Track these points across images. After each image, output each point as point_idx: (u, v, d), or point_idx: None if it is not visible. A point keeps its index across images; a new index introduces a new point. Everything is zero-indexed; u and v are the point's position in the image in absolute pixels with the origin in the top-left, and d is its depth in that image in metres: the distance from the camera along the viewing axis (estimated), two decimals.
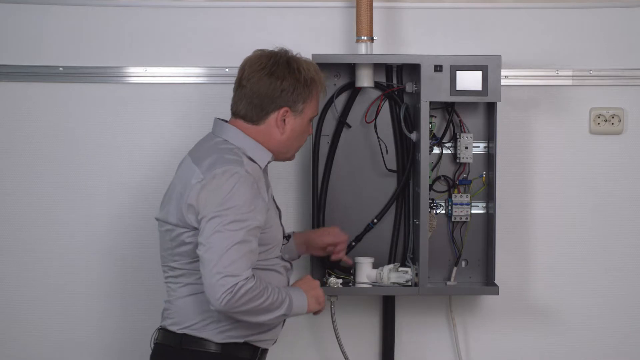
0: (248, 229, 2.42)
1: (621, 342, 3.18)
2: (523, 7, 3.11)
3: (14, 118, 3.09)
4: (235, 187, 2.43)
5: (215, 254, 2.39)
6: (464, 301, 3.15)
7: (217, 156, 2.49)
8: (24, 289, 3.11)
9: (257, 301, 2.42)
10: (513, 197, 3.12)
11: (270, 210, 2.55)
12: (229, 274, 2.38)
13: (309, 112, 2.59)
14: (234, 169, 2.45)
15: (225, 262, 2.39)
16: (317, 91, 2.60)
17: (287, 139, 2.58)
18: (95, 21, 3.08)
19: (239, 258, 2.40)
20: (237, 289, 2.38)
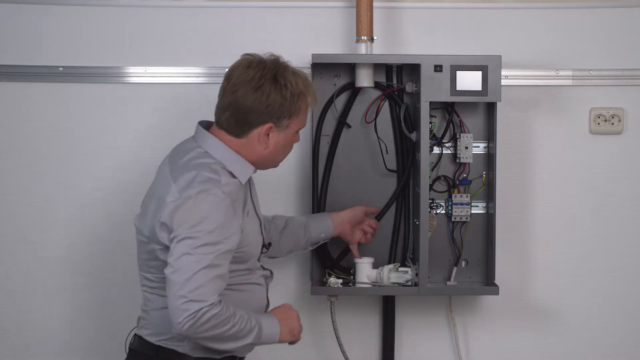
0: (218, 253, 2.37)
1: (621, 342, 3.18)
2: (523, 7, 3.11)
3: (14, 118, 3.09)
4: (210, 209, 2.37)
5: (182, 276, 2.34)
6: (464, 301, 3.15)
7: (195, 173, 2.42)
8: (24, 288, 3.11)
9: (222, 328, 2.38)
10: (513, 197, 3.12)
11: (249, 225, 2.50)
12: (193, 299, 2.33)
13: (294, 127, 2.52)
14: (210, 190, 2.39)
15: (191, 286, 2.34)
16: (305, 105, 2.52)
17: (270, 153, 2.53)
18: (95, 21, 3.08)
19: (206, 283, 2.35)
20: (201, 314, 2.33)
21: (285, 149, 2.56)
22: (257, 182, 2.91)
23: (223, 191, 2.40)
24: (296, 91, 2.49)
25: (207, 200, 2.38)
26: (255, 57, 2.52)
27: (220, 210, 2.39)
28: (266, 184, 3.01)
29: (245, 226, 2.48)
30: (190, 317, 2.33)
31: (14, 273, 3.11)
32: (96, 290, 3.12)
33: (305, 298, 3.10)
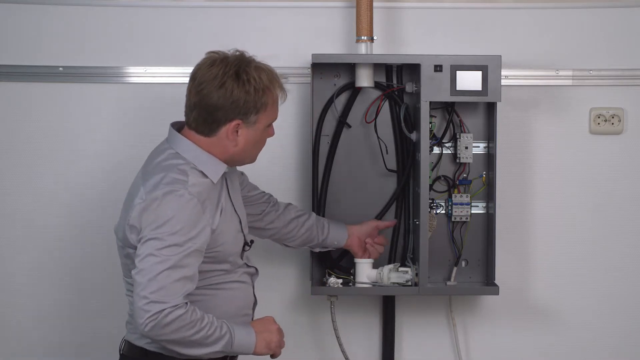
0: (184, 254, 2.35)
1: (621, 342, 3.18)
2: (523, 7, 3.11)
3: (14, 118, 3.09)
4: (175, 210, 2.36)
5: (145, 277, 2.33)
6: (464, 301, 3.15)
7: (163, 175, 2.41)
8: (24, 288, 3.11)
9: (187, 332, 2.35)
10: (513, 197, 3.12)
11: (223, 225, 2.48)
12: (155, 300, 2.32)
13: (263, 121, 2.49)
14: (176, 191, 2.38)
15: (154, 287, 2.33)
16: (272, 99, 2.49)
17: (242, 150, 2.50)
18: (95, 21, 3.08)
19: (169, 284, 2.33)
20: (163, 316, 2.32)
21: (257, 144, 2.53)
22: (257, 182, 2.92)
23: (189, 192, 2.39)
24: (260, 86, 2.46)
25: (173, 201, 2.37)
26: (220, 54, 2.51)
27: (186, 211, 2.37)
28: (266, 184, 3.01)
29: (219, 226, 2.46)
30: (152, 318, 2.32)
31: (14, 272, 3.11)
32: (100, 290, 3.12)
33: (305, 298, 3.11)
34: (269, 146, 3.07)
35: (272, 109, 2.51)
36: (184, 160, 2.46)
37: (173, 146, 2.50)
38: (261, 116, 2.49)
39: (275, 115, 2.54)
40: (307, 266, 3.05)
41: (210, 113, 2.46)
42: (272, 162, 3.10)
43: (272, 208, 2.87)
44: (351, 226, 2.96)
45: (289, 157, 3.11)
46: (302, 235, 2.90)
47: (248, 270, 2.62)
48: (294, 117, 3.10)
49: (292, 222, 2.89)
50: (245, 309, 2.60)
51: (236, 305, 2.55)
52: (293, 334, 3.13)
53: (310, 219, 2.92)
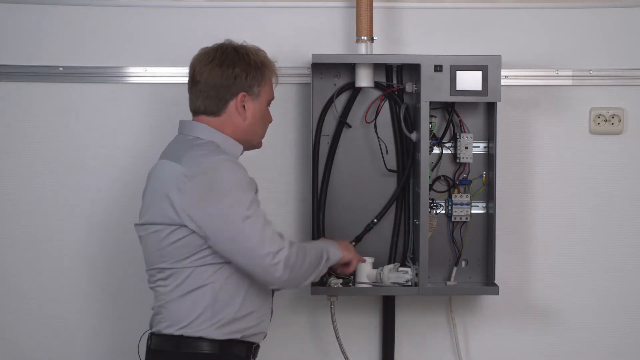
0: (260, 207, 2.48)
1: (621, 342, 3.18)
2: (523, 7, 3.11)
3: (14, 118, 3.09)
4: (231, 173, 2.46)
5: (254, 240, 2.43)
6: (464, 301, 3.15)
7: (196, 152, 2.49)
8: (24, 288, 3.11)
9: (307, 258, 2.51)
10: (513, 197, 3.12)
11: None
12: (274, 251, 2.43)
13: (265, 95, 2.61)
14: (219, 158, 2.47)
15: (266, 242, 2.43)
16: (269, 74, 2.61)
17: (250, 124, 2.59)
18: (95, 21, 3.08)
19: (272, 234, 2.46)
20: (291, 259, 2.45)
21: (262, 121, 2.62)
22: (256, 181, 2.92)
23: (232, 160, 2.49)
24: (258, 60, 2.59)
25: (223, 167, 2.46)
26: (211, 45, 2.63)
27: (238, 170, 2.48)
28: (266, 184, 3.01)
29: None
30: (284, 265, 2.44)
31: (14, 272, 3.11)
32: (99, 290, 3.12)
33: (305, 298, 3.10)
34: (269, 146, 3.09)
35: (270, 84, 2.64)
36: (205, 140, 2.55)
37: (190, 133, 2.58)
38: (263, 89, 2.60)
39: (272, 93, 2.66)
40: None
41: (216, 91, 2.56)
42: (272, 162, 3.10)
43: None
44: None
45: (289, 157, 3.11)
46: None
47: None
48: (294, 117, 3.10)
49: None
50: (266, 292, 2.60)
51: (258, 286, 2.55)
52: (293, 334, 3.13)
53: None
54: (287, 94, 3.09)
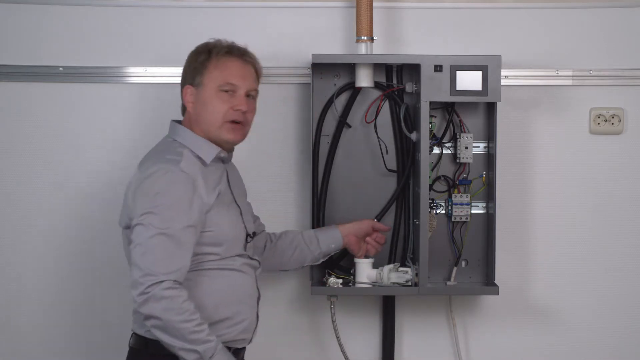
0: (179, 228, 2.42)
1: (621, 342, 3.18)
2: (523, 7, 3.11)
3: (14, 118, 3.09)
4: (168, 184, 2.45)
5: (140, 250, 2.40)
6: (464, 301, 3.15)
7: (156, 157, 2.53)
8: (24, 289, 3.11)
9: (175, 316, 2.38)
10: (513, 197, 3.12)
11: (220, 208, 2.53)
12: (150, 273, 2.38)
13: (210, 82, 2.58)
14: (167, 168, 2.47)
15: (149, 260, 2.39)
16: (214, 61, 2.59)
17: (196, 112, 2.59)
18: (95, 21, 3.08)
19: (165, 258, 2.40)
20: (158, 289, 2.37)
21: (210, 106, 2.58)
22: (256, 181, 2.92)
23: (180, 169, 2.47)
24: (200, 50, 2.62)
25: (164, 176, 2.46)
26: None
27: (179, 186, 2.45)
28: (266, 183, 3.01)
29: (213, 207, 2.51)
30: (147, 290, 2.37)
31: (15, 273, 3.11)
32: (99, 291, 3.12)
33: (305, 298, 3.11)
34: (269, 146, 3.09)
35: (217, 71, 2.59)
36: (180, 145, 2.57)
37: (172, 135, 2.62)
38: (205, 77, 2.59)
39: (226, 79, 2.59)
40: (307, 266, 3.05)
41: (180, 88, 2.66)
42: (273, 162, 3.10)
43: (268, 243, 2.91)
44: (344, 225, 2.95)
45: (289, 157, 3.11)
46: (293, 252, 2.91)
47: (251, 262, 2.64)
48: (294, 117, 3.10)
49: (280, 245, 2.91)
50: (246, 299, 2.60)
51: (233, 292, 2.56)
52: (293, 334, 3.13)
53: (295, 235, 2.92)
54: (287, 94, 3.09)
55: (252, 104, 2.65)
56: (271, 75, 3.05)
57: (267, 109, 3.06)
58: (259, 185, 2.93)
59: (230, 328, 2.55)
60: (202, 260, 2.51)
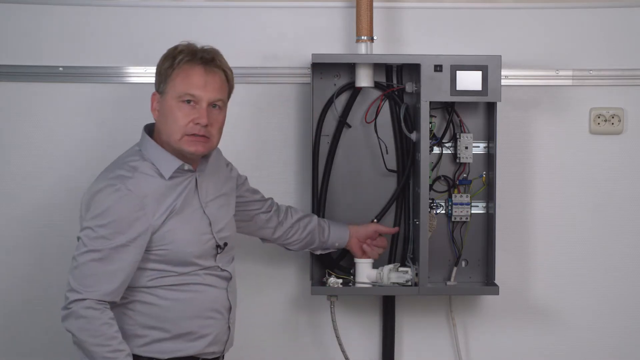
0: (112, 247, 2.39)
1: (621, 342, 3.18)
2: (523, 7, 3.11)
3: (14, 118, 3.09)
4: (111, 203, 2.41)
5: (73, 264, 2.41)
6: (464, 301, 3.15)
7: (111, 170, 2.50)
8: (24, 289, 3.11)
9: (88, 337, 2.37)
10: (513, 197, 3.12)
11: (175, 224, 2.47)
12: (74, 289, 2.38)
13: (170, 91, 2.49)
14: (114, 185, 2.43)
15: (76, 275, 2.39)
16: (177, 69, 2.49)
17: (158, 121, 2.53)
18: (95, 21, 3.08)
19: (92, 276, 2.38)
20: (79, 307, 2.36)
21: (170, 117, 2.49)
22: (257, 182, 2.92)
23: (127, 187, 2.43)
24: (166, 54, 2.54)
25: (109, 194, 2.43)
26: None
27: (121, 205, 2.42)
28: (266, 184, 3.01)
29: (165, 224, 2.47)
30: (69, 306, 2.37)
31: (15, 273, 3.11)
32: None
33: (305, 298, 3.10)
34: (269, 146, 3.09)
35: (179, 79, 2.49)
36: (141, 157, 2.51)
37: (139, 144, 2.57)
38: (168, 85, 2.50)
39: (186, 89, 2.49)
40: (307, 266, 3.05)
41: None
42: (273, 161, 3.10)
43: (273, 215, 2.89)
44: (352, 226, 2.96)
45: (289, 157, 3.11)
46: (304, 239, 2.92)
47: (221, 274, 2.59)
48: (294, 117, 3.10)
49: (294, 226, 2.90)
50: (210, 313, 2.55)
51: (197, 308, 2.53)
52: (293, 334, 3.13)
53: (312, 222, 2.92)
54: (287, 94, 3.09)
55: (216, 115, 2.52)
56: (271, 75, 3.05)
57: (267, 109, 3.06)
58: (259, 185, 2.93)
59: (194, 342, 2.52)
60: (159, 276, 2.48)
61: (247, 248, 3.04)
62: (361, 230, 2.96)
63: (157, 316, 2.48)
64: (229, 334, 2.61)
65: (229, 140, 3.06)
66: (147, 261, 2.46)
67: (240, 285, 2.89)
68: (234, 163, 2.83)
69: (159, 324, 2.48)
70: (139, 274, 2.46)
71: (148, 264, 2.46)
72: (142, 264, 2.45)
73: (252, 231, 2.89)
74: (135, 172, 2.47)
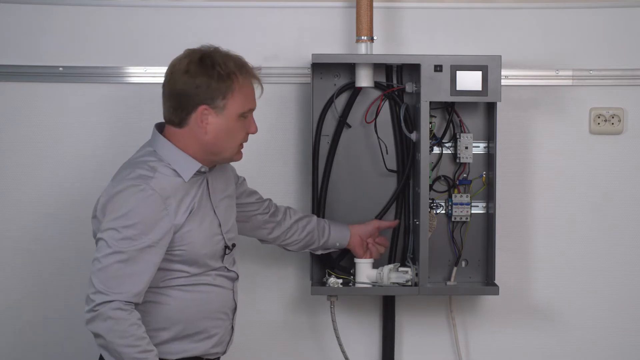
0: (139, 248, 2.37)
1: (621, 342, 3.18)
2: (523, 7, 3.12)
3: (14, 118, 3.09)
4: (135, 203, 2.39)
5: (97, 266, 2.37)
6: (464, 301, 3.15)
7: (130, 170, 2.45)
8: (24, 290, 3.11)
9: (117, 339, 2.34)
10: (513, 197, 3.12)
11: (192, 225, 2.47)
12: (101, 291, 2.35)
13: (233, 109, 2.46)
14: (138, 185, 2.40)
15: (102, 277, 2.36)
16: (238, 85, 2.46)
17: (214, 139, 2.47)
18: (95, 21, 3.08)
19: (120, 277, 2.36)
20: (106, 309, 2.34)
21: (230, 134, 2.49)
22: (256, 182, 2.92)
23: (151, 187, 2.41)
24: (225, 71, 2.45)
25: (133, 194, 2.40)
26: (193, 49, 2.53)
27: (145, 205, 2.40)
28: (266, 184, 3.01)
29: (185, 225, 2.46)
30: (96, 308, 2.34)
31: (15, 274, 3.11)
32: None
33: (305, 298, 3.11)
34: (269, 146, 3.08)
35: (242, 95, 2.48)
36: (157, 157, 2.49)
37: (152, 145, 2.53)
38: (229, 102, 2.46)
39: (248, 104, 2.50)
40: (307, 266, 3.05)
41: (177, 100, 2.46)
42: (272, 162, 3.10)
43: (270, 216, 2.89)
44: (353, 226, 2.97)
45: (289, 157, 3.11)
46: (303, 239, 2.92)
47: (228, 274, 2.59)
48: (294, 117, 3.10)
49: (292, 227, 2.90)
50: (218, 314, 2.56)
51: (206, 309, 2.53)
52: (293, 334, 3.13)
53: (311, 222, 2.92)
54: (287, 94, 3.09)
55: None
56: (271, 75, 3.05)
57: (267, 109, 3.06)
58: (258, 185, 2.93)
59: (201, 342, 2.52)
60: (171, 276, 2.48)
61: (247, 248, 3.04)
62: (363, 228, 2.96)
63: (168, 317, 2.48)
64: (231, 335, 2.62)
65: None
66: (163, 261, 2.44)
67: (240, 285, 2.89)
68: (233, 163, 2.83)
69: (168, 325, 2.48)
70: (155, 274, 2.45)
71: (163, 264, 2.45)
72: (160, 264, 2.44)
73: (249, 232, 2.88)
74: (155, 173, 2.45)
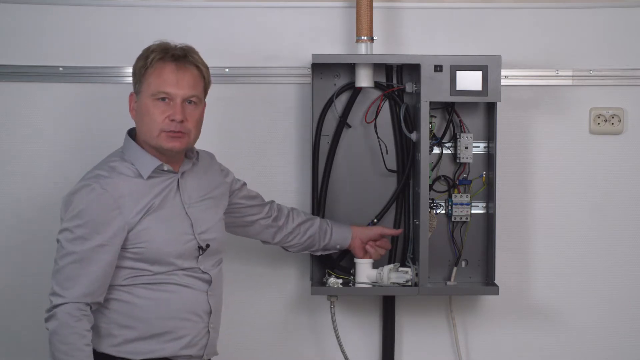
0: (90, 247, 2.41)
1: (621, 342, 3.18)
2: (523, 7, 3.12)
3: (14, 118, 3.09)
4: (86, 203, 2.43)
5: (54, 267, 2.43)
6: (464, 301, 3.15)
7: (90, 170, 2.52)
8: (24, 290, 3.11)
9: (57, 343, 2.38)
10: (513, 197, 3.12)
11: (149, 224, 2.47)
12: (56, 293, 2.40)
13: (145, 90, 2.51)
14: (89, 185, 2.45)
15: (58, 279, 2.42)
16: (152, 67, 2.51)
17: (137, 123, 2.54)
18: (95, 21, 3.08)
19: (73, 278, 2.40)
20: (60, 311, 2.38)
21: (146, 117, 2.51)
22: (257, 182, 2.92)
23: (102, 186, 2.45)
24: (145, 54, 2.55)
25: (86, 194, 2.44)
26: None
27: (96, 205, 2.44)
28: (266, 184, 3.01)
29: (140, 224, 2.47)
30: (51, 310, 2.39)
31: (15, 274, 3.11)
32: None
33: (305, 298, 3.10)
34: (269, 146, 3.08)
35: (154, 77, 2.51)
36: (120, 157, 2.54)
37: (123, 146, 2.59)
38: (143, 84, 2.52)
39: (162, 87, 2.51)
40: (307, 266, 3.05)
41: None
42: (272, 162, 3.10)
43: (273, 220, 2.89)
44: (355, 228, 2.97)
45: (289, 157, 3.11)
46: (303, 243, 2.93)
47: (201, 276, 2.57)
48: (294, 117, 3.10)
49: (294, 231, 2.91)
50: (187, 314, 2.54)
51: (173, 309, 2.52)
52: (293, 334, 3.13)
53: (313, 226, 2.93)
54: (287, 94, 3.09)
55: (191, 110, 2.53)
56: (271, 75, 3.05)
57: (267, 109, 3.06)
58: (259, 186, 2.93)
59: (169, 343, 2.51)
60: (134, 274, 2.49)
61: (247, 249, 3.05)
62: (366, 231, 2.96)
63: (132, 315, 2.48)
64: (208, 338, 2.58)
65: (229, 140, 3.08)
66: (123, 259, 2.47)
67: (240, 285, 2.91)
68: (233, 163, 2.83)
69: (133, 323, 2.48)
70: (116, 272, 2.47)
71: (124, 262, 2.47)
72: (119, 262, 2.47)
73: (252, 235, 2.90)
74: (112, 172, 2.49)
